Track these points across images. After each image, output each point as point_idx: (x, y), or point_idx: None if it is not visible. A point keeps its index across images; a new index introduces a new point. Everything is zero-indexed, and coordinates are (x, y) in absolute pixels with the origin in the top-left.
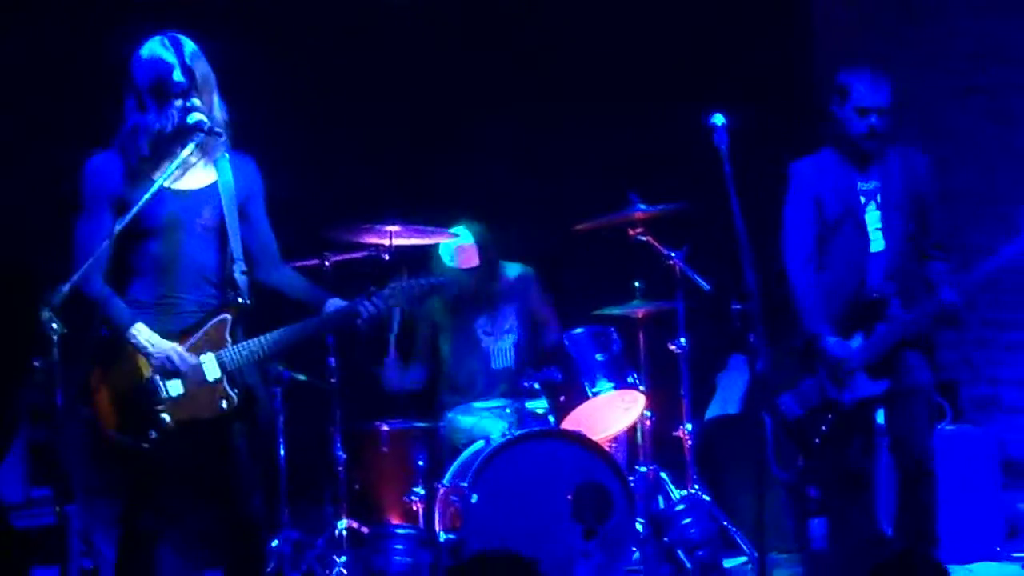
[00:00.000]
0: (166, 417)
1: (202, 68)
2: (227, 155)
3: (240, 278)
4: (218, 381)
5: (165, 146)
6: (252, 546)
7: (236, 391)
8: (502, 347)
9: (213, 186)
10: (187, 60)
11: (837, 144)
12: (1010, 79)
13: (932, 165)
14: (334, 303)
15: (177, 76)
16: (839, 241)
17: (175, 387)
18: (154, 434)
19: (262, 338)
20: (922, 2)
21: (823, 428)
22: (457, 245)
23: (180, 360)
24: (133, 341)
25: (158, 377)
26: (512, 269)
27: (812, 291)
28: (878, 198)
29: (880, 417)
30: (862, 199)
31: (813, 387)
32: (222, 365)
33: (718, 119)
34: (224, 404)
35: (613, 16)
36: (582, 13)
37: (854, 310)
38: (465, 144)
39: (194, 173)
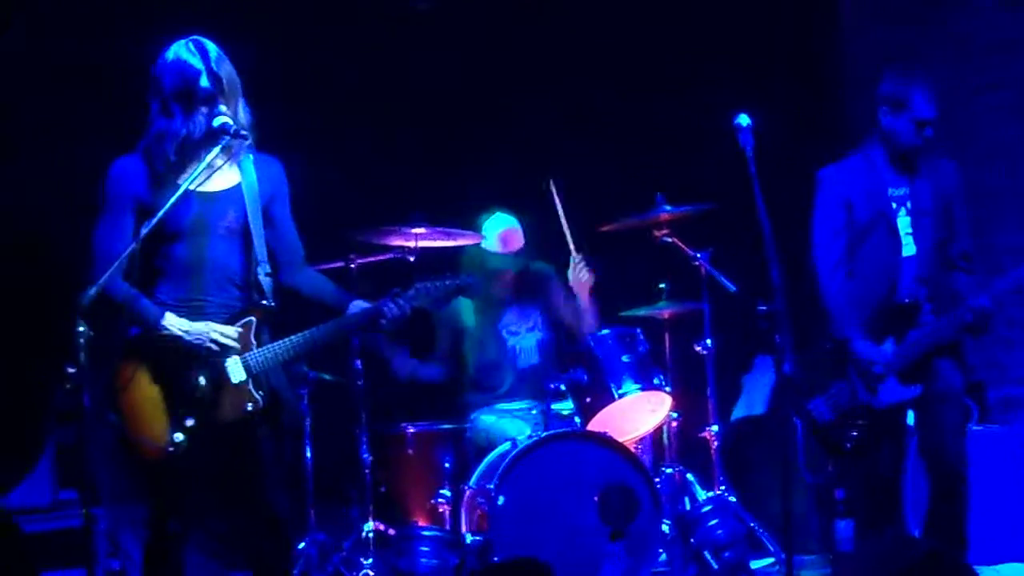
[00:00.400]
0: (191, 421)
1: (227, 72)
2: (251, 156)
3: (265, 280)
4: (243, 383)
5: (191, 151)
6: (279, 549)
7: (261, 393)
8: (527, 345)
9: (237, 188)
10: (213, 65)
11: (876, 149)
12: None
13: (958, 171)
14: (358, 305)
15: (204, 82)
16: (870, 246)
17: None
18: (180, 437)
19: (287, 340)
20: None
21: (854, 433)
22: (503, 228)
23: (221, 335)
24: (167, 331)
25: (191, 372)
26: (534, 267)
27: (842, 295)
28: (908, 204)
29: (910, 418)
30: (893, 204)
31: (844, 391)
32: (247, 368)
33: (743, 120)
34: (249, 406)
35: (638, 16)
36: (607, 13)
37: (885, 315)
38: (490, 146)
39: (219, 175)
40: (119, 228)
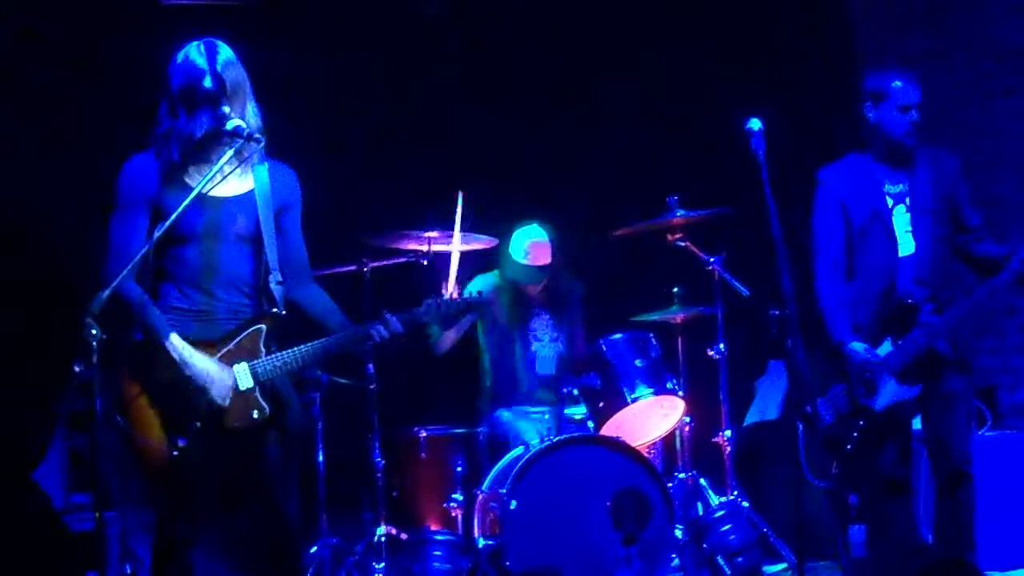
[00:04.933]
0: (197, 424)
1: (234, 75)
2: (266, 163)
3: (276, 288)
4: (250, 391)
5: (196, 152)
6: (288, 555)
7: (268, 401)
8: (546, 354)
9: (250, 194)
10: (218, 67)
11: (870, 147)
12: None
13: (962, 165)
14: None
15: (207, 82)
16: (867, 246)
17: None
18: (183, 442)
19: (296, 350)
20: (960, 3)
21: (854, 435)
22: (531, 241)
23: (218, 378)
24: (170, 354)
25: (192, 385)
26: (569, 283)
27: (836, 297)
28: (907, 201)
29: (918, 423)
30: (889, 202)
31: (843, 394)
32: (255, 375)
33: (755, 124)
34: (255, 414)
35: (651, 21)
36: (620, 19)
37: (884, 315)
38: (505, 151)
39: (231, 180)
40: (133, 225)
